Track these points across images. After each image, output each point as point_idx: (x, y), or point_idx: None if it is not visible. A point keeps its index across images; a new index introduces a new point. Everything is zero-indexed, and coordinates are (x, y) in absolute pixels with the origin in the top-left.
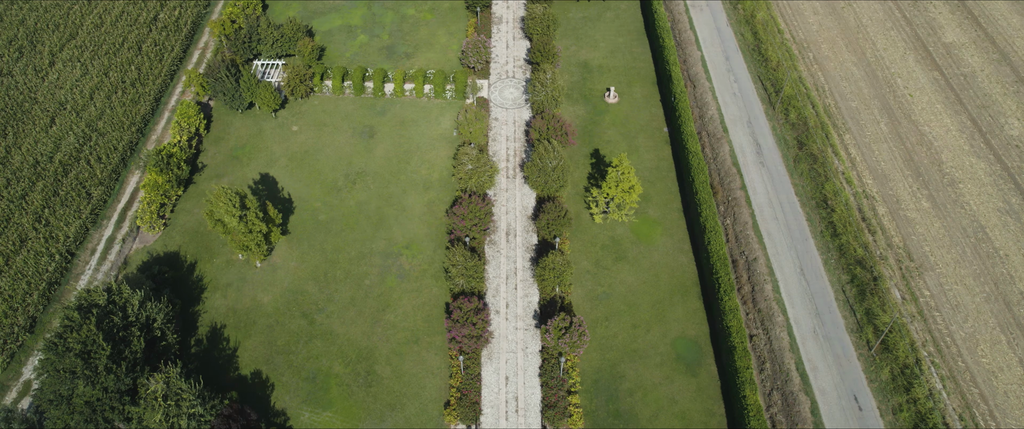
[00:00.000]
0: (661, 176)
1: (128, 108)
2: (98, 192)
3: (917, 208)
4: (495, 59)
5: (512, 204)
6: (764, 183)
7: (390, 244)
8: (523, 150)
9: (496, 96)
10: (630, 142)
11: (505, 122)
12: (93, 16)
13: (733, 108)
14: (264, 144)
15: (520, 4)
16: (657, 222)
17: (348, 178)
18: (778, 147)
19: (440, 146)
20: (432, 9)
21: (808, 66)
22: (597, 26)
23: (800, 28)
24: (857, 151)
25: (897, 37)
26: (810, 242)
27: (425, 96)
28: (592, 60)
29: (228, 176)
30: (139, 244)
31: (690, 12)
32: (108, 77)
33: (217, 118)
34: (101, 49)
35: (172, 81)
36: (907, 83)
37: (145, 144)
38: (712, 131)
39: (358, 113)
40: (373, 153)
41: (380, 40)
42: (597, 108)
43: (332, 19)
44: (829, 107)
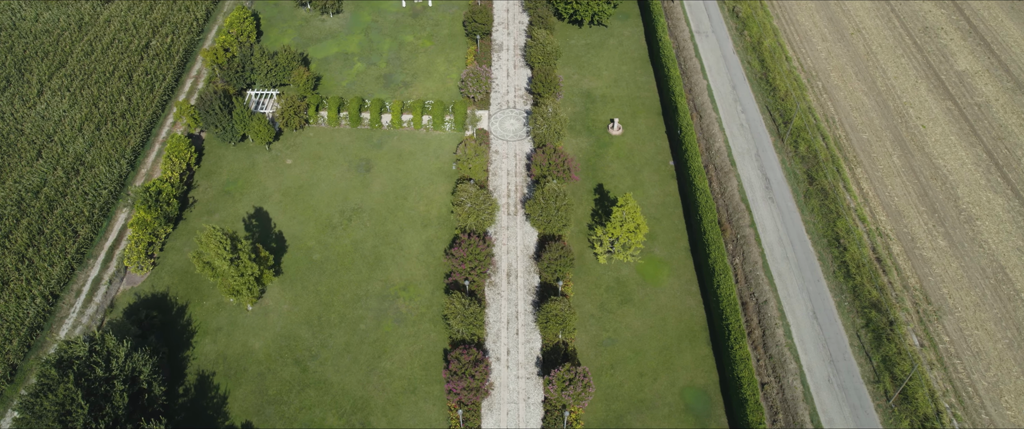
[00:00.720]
0: (667, 212)
1: (118, 140)
2: (85, 230)
3: (933, 247)
4: (495, 88)
5: (513, 243)
6: (774, 220)
7: (387, 285)
8: (524, 185)
9: (496, 127)
10: (635, 176)
11: (506, 155)
12: (83, 43)
13: (741, 140)
14: (257, 178)
15: (521, 31)
16: (664, 262)
17: (344, 215)
18: (788, 181)
19: (438, 181)
20: (431, 36)
21: (817, 95)
22: (600, 54)
23: (808, 55)
24: (869, 186)
25: (908, 65)
26: (822, 283)
27: (423, 127)
28: (595, 89)
29: (220, 212)
30: (126, 285)
31: (695, 39)
32: (98, 107)
33: (209, 150)
34: (91, 78)
35: (164, 111)
36: (919, 113)
37: (135, 178)
38: (719, 164)
39: (354, 145)
40: (369, 188)
41: (377, 68)
42: (600, 140)
43: (328, 46)
44: (839, 139)
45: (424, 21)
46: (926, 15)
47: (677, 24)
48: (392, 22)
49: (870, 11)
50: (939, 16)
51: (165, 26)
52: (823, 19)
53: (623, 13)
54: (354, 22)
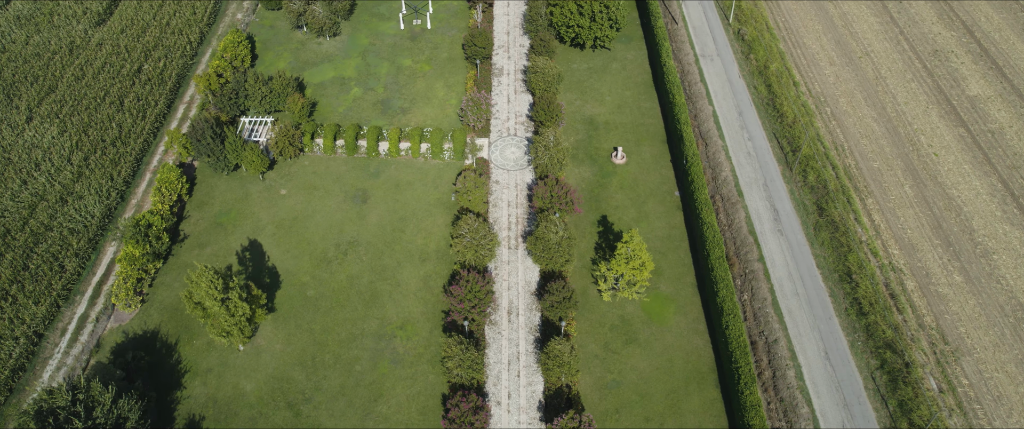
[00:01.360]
0: (673, 246)
1: (108, 170)
2: (72, 264)
3: (949, 283)
4: (495, 115)
5: (514, 278)
6: (783, 253)
7: (383, 324)
8: (526, 217)
9: (497, 156)
10: (639, 208)
11: (507, 185)
12: (74, 68)
13: (748, 169)
14: (250, 209)
15: (522, 54)
16: (670, 299)
17: (339, 248)
18: (797, 213)
19: (437, 212)
20: (429, 60)
21: (825, 122)
22: (603, 78)
23: (816, 80)
24: (881, 217)
25: (918, 90)
26: (834, 321)
27: (422, 156)
28: (598, 116)
29: (211, 245)
30: (114, 323)
31: (700, 63)
32: (87, 135)
33: (201, 180)
34: (81, 104)
35: (155, 139)
36: (931, 141)
37: (125, 209)
38: (726, 194)
39: (351, 175)
40: (366, 220)
41: (375, 93)
42: (604, 170)
43: (325, 70)
44: (849, 168)
45: (422, 44)
46: (936, 38)
47: (681, 47)
48: (390, 45)
49: (878, 34)
50: (949, 39)
51: (158, 50)
52: (830, 42)
53: (626, 36)
54: (351, 45)
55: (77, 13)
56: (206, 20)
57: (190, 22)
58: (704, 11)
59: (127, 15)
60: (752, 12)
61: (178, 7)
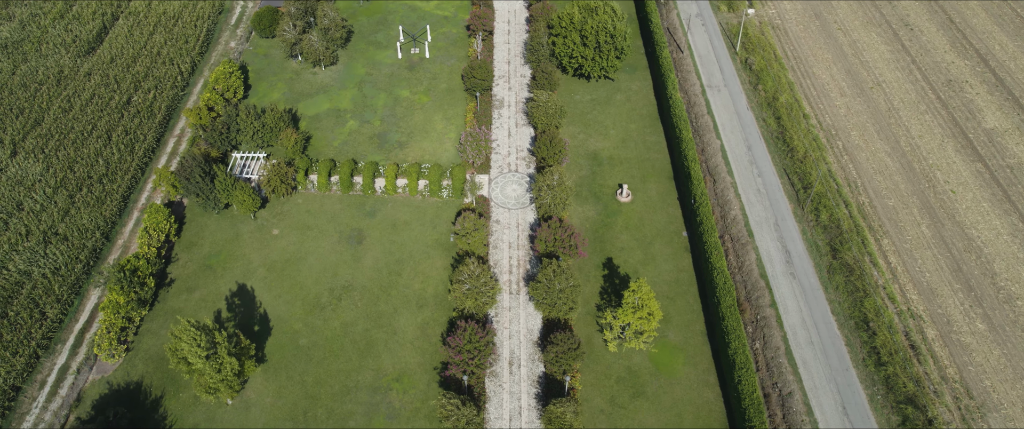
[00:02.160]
0: (681, 290)
1: (93, 209)
2: (54, 311)
3: (972, 331)
4: (496, 150)
5: (516, 326)
6: (796, 299)
7: (378, 375)
8: (528, 260)
9: (497, 194)
10: (646, 249)
11: (507, 225)
12: (61, 99)
13: (758, 208)
14: (241, 251)
15: (523, 85)
16: (679, 349)
17: (333, 293)
18: (809, 254)
19: (435, 254)
20: (428, 91)
21: (837, 157)
22: (607, 110)
23: (827, 112)
24: (897, 259)
25: (933, 122)
26: (851, 372)
27: (419, 194)
28: (602, 150)
29: (200, 289)
30: (96, 374)
31: (707, 94)
32: (73, 171)
33: (191, 218)
34: (67, 138)
35: (143, 175)
36: (948, 177)
37: (111, 250)
38: (736, 235)
39: (345, 213)
40: (361, 262)
41: (371, 126)
42: (608, 208)
43: (319, 102)
44: (863, 206)
45: (421, 74)
46: (949, 67)
47: (687, 77)
48: (387, 75)
49: (890, 63)
50: (962, 68)
51: (148, 80)
52: (841, 72)
53: (630, 65)
54: (347, 75)
55: (66, 41)
56: (198, 49)
57: (182, 51)
58: (710, 39)
59: (117, 43)
60: (759, 40)
61: (169, 35)
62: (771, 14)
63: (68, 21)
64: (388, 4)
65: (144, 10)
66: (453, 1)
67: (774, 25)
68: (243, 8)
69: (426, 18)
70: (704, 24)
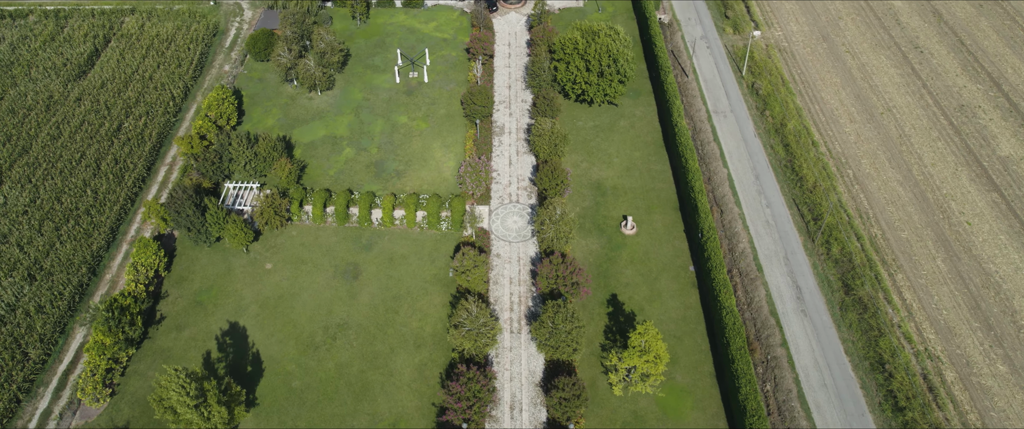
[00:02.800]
0: (689, 329)
1: (80, 242)
2: (36, 352)
3: (993, 373)
4: (496, 179)
5: (517, 367)
6: (808, 338)
7: (374, 420)
8: (529, 296)
9: (498, 226)
10: (651, 285)
11: (508, 259)
12: (50, 126)
13: (767, 240)
14: (233, 286)
15: (524, 110)
16: (687, 391)
17: (328, 332)
18: (821, 290)
19: (434, 290)
20: (426, 116)
21: (848, 186)
22: (610, 137)
23: (836, 139)
24: (913, 296)
25: (946, 149)
26: (868, 417)
27: (417, 226)
28: (606, 180)
29: (190, 328)
30: (80, 420)
31: (713, 120)
32: (60, 202)
33: (181, 252)
34: (55, 167)
35: (133, 205)
36: (962, 207)
37: (98, 286)
38: (744, 269)
39: (341, 247)
40: (357, 299)
41: (368, 154)
42: (613, 241)
43: (315, 128)
44: (876, 239)
45: (419, 99)
46: (961, 92)
47: (693, 102)
48: (385, 100)
49: (900, 88)
50: (975, 93)
51: (139, 106)
52: (850, 96)
53: (634, 90)
54: (344, 100)
55: (57, 65)
56: (191, 73)
57: (174, 76)
58: (715, 62)
59: (109, 67)
60: (766, 64)
61: (162, 58)
62: (777, 36)
63: (59, 44)
64: (386, 25)
65: (137, 32)
66: (452, 23)
67: (780, 48)
68: (238, 30)
69: (425, 40)
70: (709, 47)
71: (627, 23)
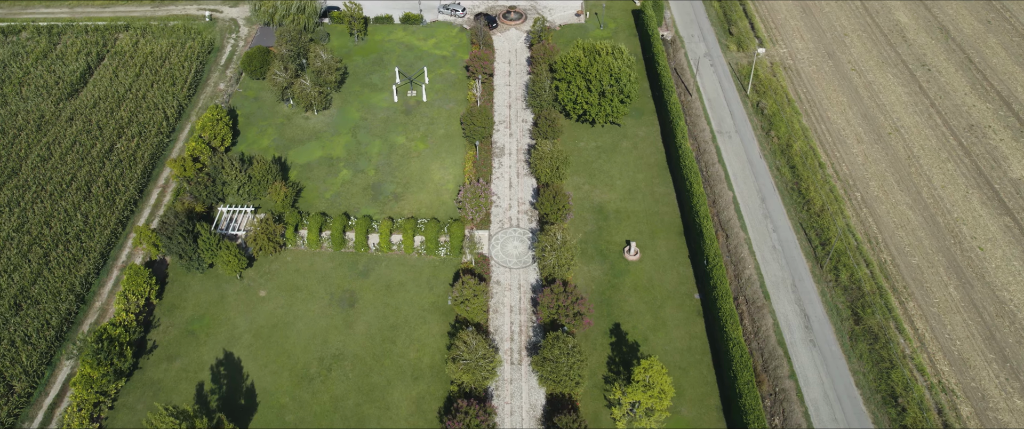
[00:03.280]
0: (694, 360)
1: (68, 269)
2: (21, 384)
3: (1009, 408)
4: (496, 202)
5: (518, 400)
6: (817, 369)
7: None
8: (530, 326)
9: (498, 251)
10: (656, 313)
11: (508, 286)
12: (40, 147)
13: (774, 266)
14: (226, 314)
15: (524, 131)
16: (692, 426)
17: (323, 363)
18: (830, 319)
19: (432, 319)
20: (425, 137)
21: (856, 209)
22: (613, 159)
23: (843, 160)
24: (925, 325)
25: (955, 171)
26: None
27: (415, 251)
28: (608, 203)
29: (182, 358)
30: None
31: (718, 140)
32: (49, 227)
33: (173, 278)
34: (45, 190)
35: (124, 230)
36: (974, 232)
37: (87, 314)
38: (751, 296)
39: (337, 273)
40: (353, 328)
41: (365, 176)
42: (615, 267)
43: (311, 149)
44: (885, 265)
45: (417, 119)
46: (970, 111)
47: (697, 122)
48: (382, 120)
49: (907, 107)
50: (984, 112)
51: (132, 126)
52: (857, 116)
53: (637, 109)
54: (341, 120)
55: (48, 83)
56: (186, 91)
57: (169, 95)
58: (719, 81)
59: (101, 86)
60: (771, 82)
61: (156, 77)
62: (782, 53)
63: (52, 61)
64: (384, 42)
65: (131, 50)
66: (452, 40)
67: (785, 65)
68: (234, 47)
69: (424, 58)
70: (713, 64)
71: (629, 40)
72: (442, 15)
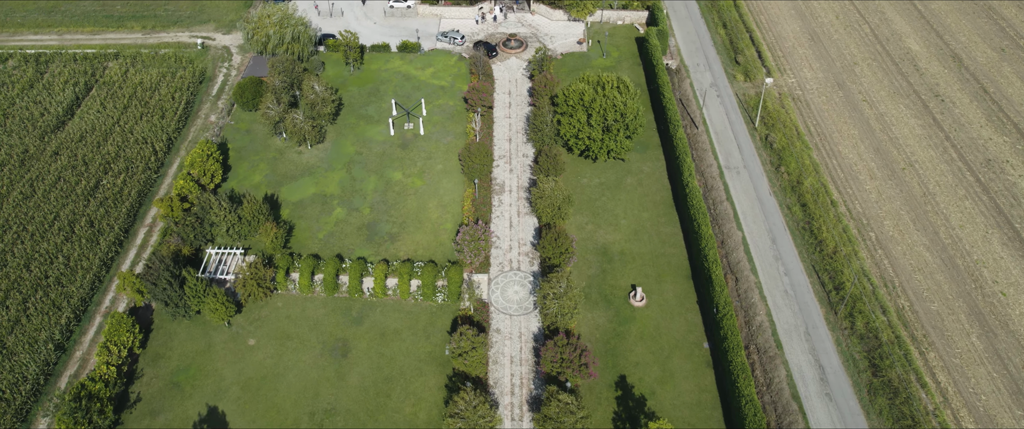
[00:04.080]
0: (704, 416)
1: (47, 316)
2: None
3: None
4: (496, 244)
5: None
6: (834, 426)
7: None
8: (531, 378)
9: (498, 297)
10: (663, 364)
11: (509, 334)
12: (23, 184)
13: (786, 313)
14: (213, 365)
15: (526, 165)
16: None
17: (314, 419)
18: (846, 370)
19: (429, 370)
20: (422, 173)
21: (870, 251)
22: (617, 196)
23: (856, 198)
24: (947, 378)
25: (974, 209)
26: None
27: (412, 296)
28: (612, 244)
29: (165, 413)
30: None
31: (725, 177)
32: (29, 271)
33: (158, 325)
34: (26, 231)
35: (108, 272)
36: (996, 276)
37: (66, 365)
38: (762, 345)
39: (329, 320)
40: (346, 380)
41: (360, 215)
42: (620, 314)
43: (304, 186)
44: (903, 311)
45: (414, 154)
46: (987, 144)
47: (704, 156)
48: (378, 154)
49: (921, 140)
50: (1002, 146)
51: (119, 161)
52: (869, 150)
53: (642, 143)
54: (335, 154)
55: (33, 116)
56: (176, 124)
57: (158, 128)
58: (727, 112)
59: (88, 118)
60: (779, 114)
61: (145, 109)
62: (791, 83)
63: (38, 91)
64: (380, 72)
65: (119, 80)
66: (450, 69)
67: (794, 96)
68: (226, 76)
69: (421, 89)
70: (719, 95)
71: (633, 69)
72: (441, 43)
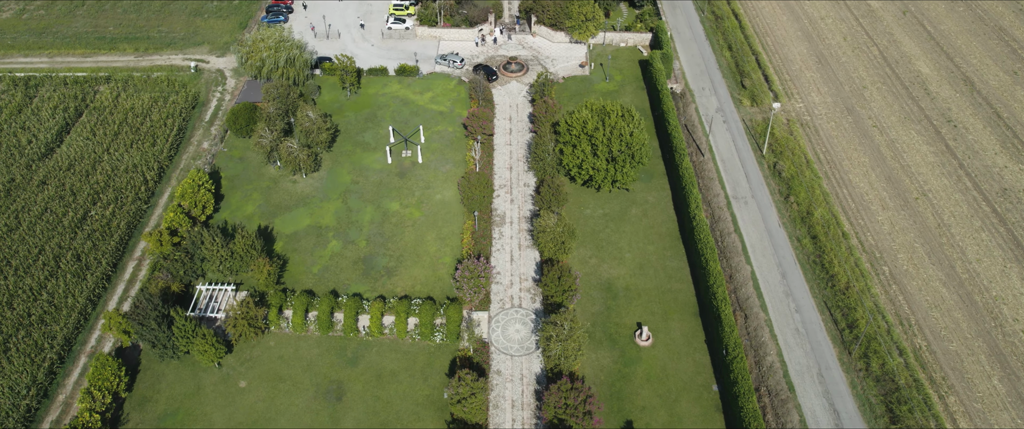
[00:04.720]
0: None
1: (29, 358)
2: None
3: None
4: (497, 279)
5: None
6: None
7: None
8: (533, 423)
9: (498, 336)
10: (670, 409)
11: (510, 377)
12: (8, 215)
13: (798, 353)
14: (202, 409)
15: (527, 196)
16: None
17: None
18: (862, 416)
19: (426, 415)
20: (420, 203)
21: (884, 286)
22: (621, 228)
23: (868, 230)
24: (969, 424)
25: (991, 242)
26: None
27: (409, 336)
28: (617, 279)
29: None
30: None
31: (733, 207)
32: (12, 309)
33: (146, 366)
34: (10, 265)
35: (95, 309)
36: (1016, 313)
37: (48, 411)
38: (774, 388)
39: (323, 361)
40: (340, 426)
41: (356, 248)
42: (626, 354)
43: (299, 217)
44: (920, 351)
45: (412, 183)
46: (1002, 173)
47: (710, 185)
48: (375, 184)
49: (934, 168)
50: (1017, 174)
51: (108, 192)
52: (880, 179)
53: (646, 172)
54: (331, 184)
55: (21, 143)
56: (168, 151)
57: (149, 155)
58: (733, 139)
59: (77, 145)
60: (788, 141)
61: (136, 135)
62: (798, 108)
63: (26, 117)
64: (378, 96)
65: (110, 105)
66: (449, 94)
67: (803, 122)
68: (219, 100)
69: (420, 114)
70: (725, 121)
71: (636, 93)
72: (439, 66)
